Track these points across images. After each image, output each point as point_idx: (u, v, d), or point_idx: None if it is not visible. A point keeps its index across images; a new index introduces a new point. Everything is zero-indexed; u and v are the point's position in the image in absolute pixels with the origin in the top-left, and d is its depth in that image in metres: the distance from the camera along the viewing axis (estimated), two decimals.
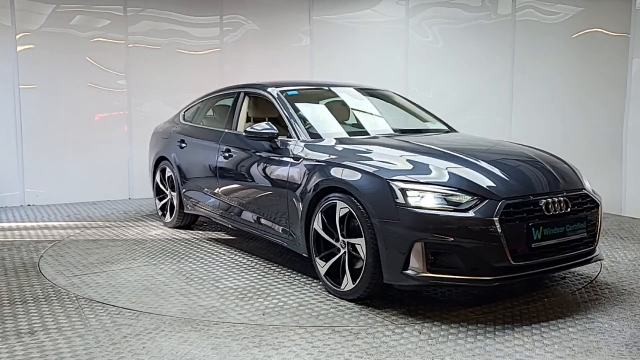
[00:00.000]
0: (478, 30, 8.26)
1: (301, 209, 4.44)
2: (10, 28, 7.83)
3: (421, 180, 3.82)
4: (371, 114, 5.60)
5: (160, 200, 6.81)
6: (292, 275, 4.73)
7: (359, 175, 4.01)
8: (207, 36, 9.09)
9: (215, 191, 5.71)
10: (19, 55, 7.89)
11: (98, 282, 4.61)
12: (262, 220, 5.02)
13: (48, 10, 8.09)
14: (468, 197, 3.70)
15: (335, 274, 4.19)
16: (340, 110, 5.48)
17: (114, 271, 4.91)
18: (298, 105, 5.20)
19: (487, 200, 3.68)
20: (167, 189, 6.64)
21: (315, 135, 4.81)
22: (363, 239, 3.90)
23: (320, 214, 4.25)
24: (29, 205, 8.04)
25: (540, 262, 3.78)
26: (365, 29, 9.00)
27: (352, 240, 4.03)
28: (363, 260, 3.92)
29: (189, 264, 5.13)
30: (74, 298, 4.19)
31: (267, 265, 5.03)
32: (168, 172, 6.56)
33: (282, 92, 5.31)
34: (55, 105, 8.15)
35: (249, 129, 4.98)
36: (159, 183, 6.81)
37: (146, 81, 8.71)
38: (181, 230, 6.45)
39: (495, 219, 3.60)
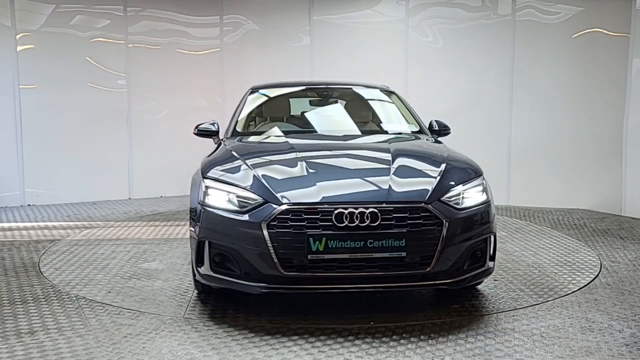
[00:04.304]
0: (478, 30, 8.26)
1: None
2: (10, 28, 7.83)
3: (226, 181, 3.80)
4: (333, 114, 5.43)
5: None
6: None
7: (200, 172, 4.08)
8: (207, 36, 9.09)
9: None
10: (19, 55, 7.88)
11: (71, 253, 5.02)
12: None
13: (48, 10, 8.08)
14: (256, 200, 3.59)
15: None
16: (297, 111, 5.48)
17: (88, 248, 5.43)
18: (258, 104, 5.32)
19: (266, 204, 3.54)
20: None
21: (236, 134, 4.93)
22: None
23: None
24: (29, 205, 8.03)
25: (323, 277, 3.51)
26: (365, 29, 8.99)
27: None
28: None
29: (159, 247, 5.52)
30: (74, 298, 4.19)
31: None
32: None
33: (252, 91, 5.41)
34: (55, 105, 8.15)
35: (199, 127, 5.09)
36: None
37: (146, 81, 8.70)
38: None
39: (263, 224, 3.47)
